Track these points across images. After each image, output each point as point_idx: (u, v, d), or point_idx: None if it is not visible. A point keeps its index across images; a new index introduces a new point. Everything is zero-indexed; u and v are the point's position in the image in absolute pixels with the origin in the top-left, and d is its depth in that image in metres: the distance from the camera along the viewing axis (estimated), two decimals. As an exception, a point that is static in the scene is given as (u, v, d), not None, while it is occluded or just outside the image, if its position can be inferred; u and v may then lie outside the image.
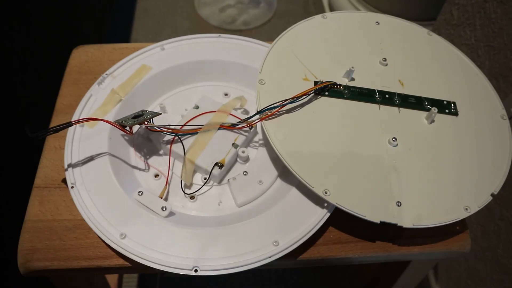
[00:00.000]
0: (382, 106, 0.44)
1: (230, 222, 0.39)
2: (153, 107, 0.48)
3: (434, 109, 0.43)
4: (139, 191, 0.40)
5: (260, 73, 0.44)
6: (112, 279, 0.75)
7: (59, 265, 0.38)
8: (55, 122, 0.47)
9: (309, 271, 0.87)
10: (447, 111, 0.44)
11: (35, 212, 0.41)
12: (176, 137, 0.43)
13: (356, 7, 1.13)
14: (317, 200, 0.40)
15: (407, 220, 0.38)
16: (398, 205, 0.38)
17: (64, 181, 0.42)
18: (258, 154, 0.45)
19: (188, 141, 0.44)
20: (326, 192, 0.38)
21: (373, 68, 0.46)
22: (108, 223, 0.38)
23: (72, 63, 0.52)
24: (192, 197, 0.43)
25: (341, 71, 0.45)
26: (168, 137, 0.44)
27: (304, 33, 0.48)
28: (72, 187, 0.40)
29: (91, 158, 0.42)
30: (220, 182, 0.44)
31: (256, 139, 0.46)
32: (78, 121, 0.41)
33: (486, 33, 0.63)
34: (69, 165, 0.41)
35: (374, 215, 0.38)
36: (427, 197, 0.39)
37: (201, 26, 1.29)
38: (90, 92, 0.46)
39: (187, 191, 0.43)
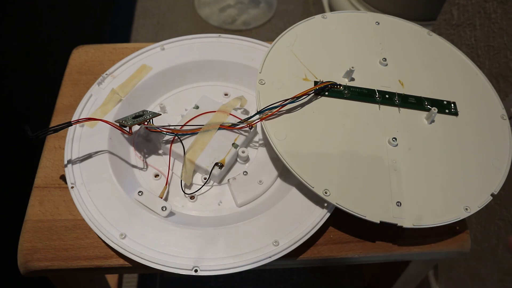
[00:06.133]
0: (382, 106, 0.44)
1: (230, 222, 0.39)
2: (153, 107, 0.48)
3: (434, 109, 0.43)
4: (139, 191, 0.40)
5: (260, 73, 0.44)
6: (112, 279, 0.75)
7: (59, 265, 0.38)
8: (55, 122, 0.47)
9: (309, 271, 0.87)
10: (447, 111, 0.44)
11: (35, 212, 0.41)
12: (176, 137, 0.43)
13: (356, 7, 1.13)
14: (317, 200, 0.40)
15: (407, 220, 0.38)
16: (398, 205, 0.38)
17: (64, 178, 0.42)
18: (258, 154, 0.45)
19: (188, 141, 0.44)
20: (326, 192, 0.38)
21: (373, 68, 0.46)
22: (108, 223, 0.38)
23: (72, 63, 0.52)
24: (192, 197, 0.43)
25: (341, 71, 0.45)
26: (168, 137, 0.44)
27: (304, 33, 0.48)
28: (72, 187, 0.40)
29: (91, 158, 0.42)
30: (220, 182, 0.44)
31: (256, 139, 0.46)
32: (77, 121, 0.41)
33: (486, 33, 0.63)
34: (69, 165, 0.41)
35: (374, 215, 0.38)
36: (427, 197, 0.39)
37: (201, 26, 1.29)
38: (90, 92, 0.46)
39: (187, 191, 0.43)
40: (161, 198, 0.41)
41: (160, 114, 0.44)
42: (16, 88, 0.68)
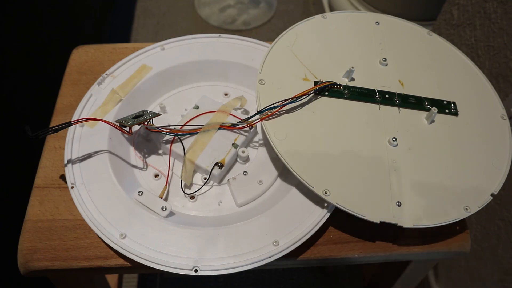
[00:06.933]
0: (382, 106, 0.44)
1: (230, 222, 0.39)
2: (153, 107, 0.48)
3: (434, 109, 0.43)
4: (139, 191, 0.40)
5: (260, 73, 0.44)
6: (112, 279, 0.75)
7: (59, 265, 0.38)
8: (55, 122, 0.47)
9: (309, 271, 0.87)
10: (447, 111, 0.44)
11: (35, 212, 0.41)
12: (176, 137, 0.43)
13: (356, 7, 1.13)
14: (317, 200, 0.40)
15: (407, 220, 0.38)
16: (398, 205, 0.38)
17: (64, 178, 0.42)
18: (258, 154, 0.45)
19: (188, 141, 0.44)
20: (326, 192, 0.38)
21: (373, 68, 0.46)
22: (108, 223, 0.38)
23: (72, 63, 0.52)
24: (192, 197, 0.43)
25: (341, 71, 0.45)
26: (168, 137, 0.44)
27: (304, 33, 0.48)
28: (72, 187, 0.40)
29: (91, 158, 0.42)
30: (220, 182, 0.44)
31: (256, 139, 0.46)
32: (77, 121, 0.41)
33: (486, 33, 0.63)
34: (69, 165, 0.41)
35: (374, 215, 0.38)
36: (427, 197, 0.39)
37: (201, 26, 1.29)
38: (90, 92, 0.46)
39: (187, 191, 0.43)
40: (161, 198, 0.41)
41: (160, 114, 0.44)
42: (16, 88, 0.68)
